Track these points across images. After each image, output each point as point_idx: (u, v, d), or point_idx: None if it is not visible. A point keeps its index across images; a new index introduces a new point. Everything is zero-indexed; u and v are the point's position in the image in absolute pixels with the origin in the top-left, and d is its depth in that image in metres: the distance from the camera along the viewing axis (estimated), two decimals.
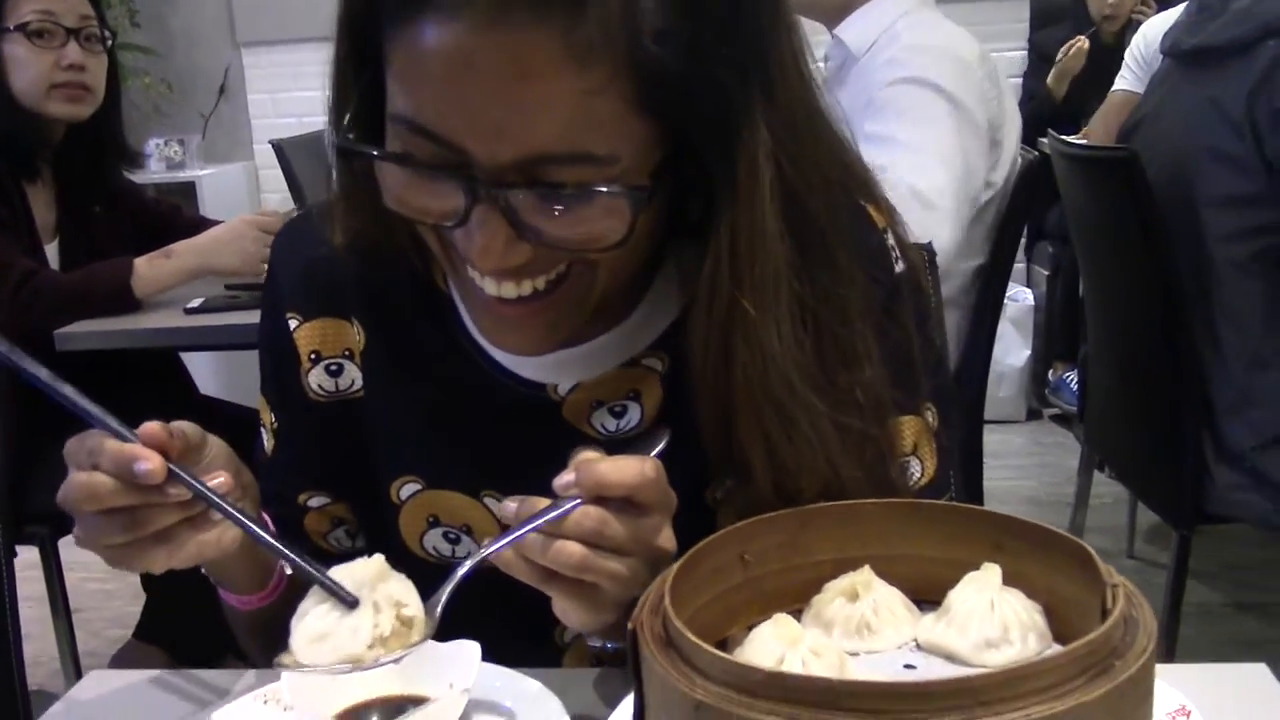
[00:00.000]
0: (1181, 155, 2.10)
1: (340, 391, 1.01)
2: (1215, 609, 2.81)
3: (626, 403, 0.96)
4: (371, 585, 0.78)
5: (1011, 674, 0.63)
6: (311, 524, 1.04)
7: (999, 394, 3.95)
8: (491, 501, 0.99)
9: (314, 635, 0.77)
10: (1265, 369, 2.05)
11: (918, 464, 1.00)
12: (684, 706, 0.67)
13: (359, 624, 0.76)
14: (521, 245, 0.80)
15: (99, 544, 0.81)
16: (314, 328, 1.01)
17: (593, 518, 0.78)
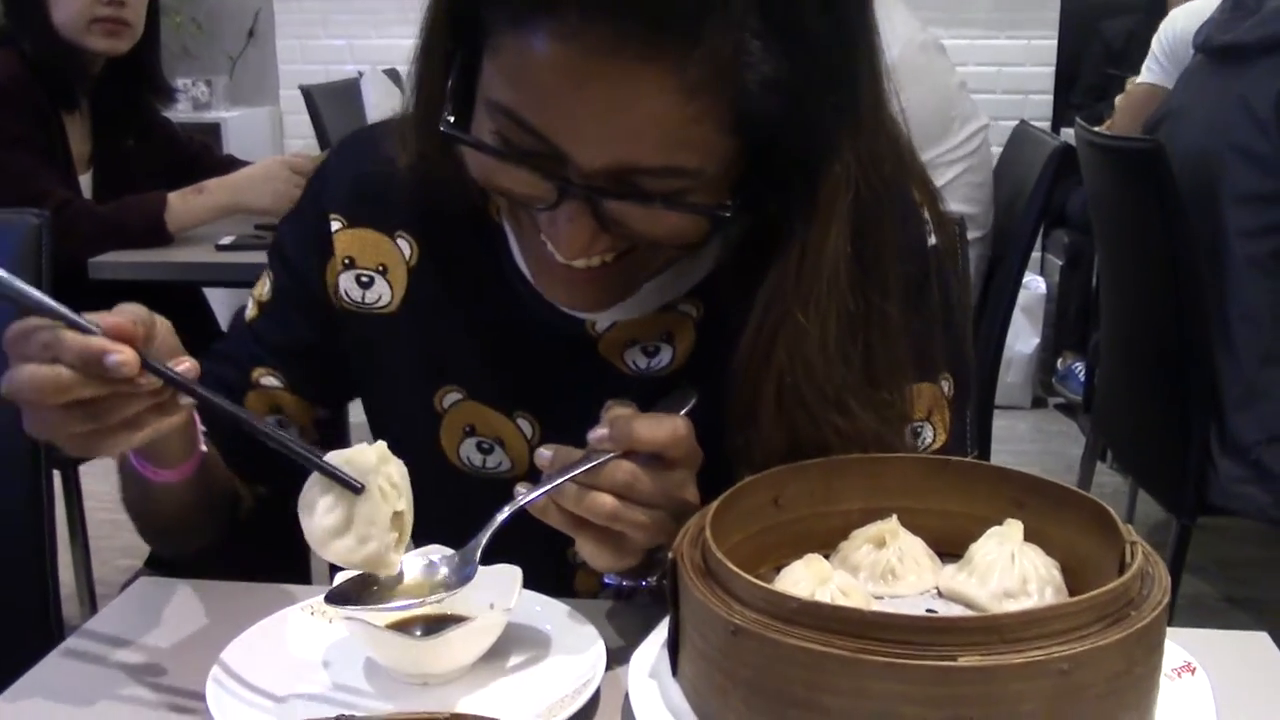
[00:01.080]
0: (1207, 150, 2.12)
1: (366, 304, 1.04)
2: (1209, 603, 2.85)
3: (660, 344, 1.01)
4: (376, 470, 0.80)
5: (1034, 615, 0.67)
6: (252, 403, 1.06)
7: (1006, 380, 3.98)
8: (523, 422, 1.03)
9: (331, 529, 0.79)
10: (1276, 365, 2.08)
11: (930, 430, 1.03)
12: (721, 631, 0.71)
13: (374, 512, 0.79)
14: (604, 236, 0.84)
15: (57, 434, 0.79)
16: (354, 235, 1.04)
17: (625, 470, 0.82)
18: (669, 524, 0.85)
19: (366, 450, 0.81)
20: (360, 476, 0.79)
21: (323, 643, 0.87)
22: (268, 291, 1.08)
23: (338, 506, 0.79)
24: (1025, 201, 2.26)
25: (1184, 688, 0.77)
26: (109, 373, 0.75)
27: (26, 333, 0.77)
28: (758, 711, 0.70)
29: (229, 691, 0.80)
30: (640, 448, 0.83)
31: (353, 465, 0.80)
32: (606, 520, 0.82)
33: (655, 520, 0.84)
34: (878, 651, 0.65)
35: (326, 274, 1.05)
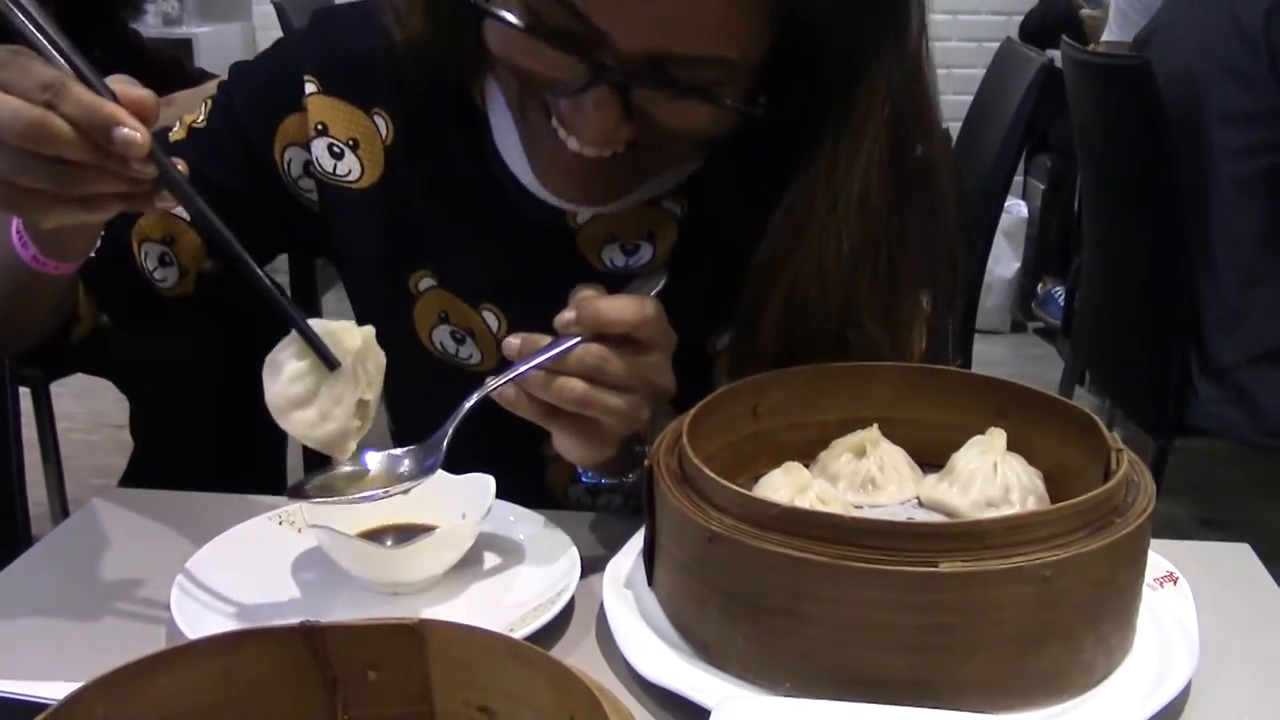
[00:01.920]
0: (1194, 68, 2.09)
1: (335, 176, 0.99)
2: (1183, 524, 2.87)
3: (640, 242, 0.98)
4: (355, 354, 0.76)
5: (1017, 521, 0.66)
6: (146, 221, 0.99)
7: (986, 304, 3.97)
8: (489, 315, 1.00)
9: (294, 399, 0.75)
10: (1258, 286, 2.07)
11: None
12: (698, 539, 0.70)
13: (342, 392, 0.75)
14: (627, 126, 0.81)
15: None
16: (329, 102, 0.99)
17: (594, 353, 0.79)
18: (643, 409, 0.82)
19: (353, 330, 0.76)
20: (340, 356, 0.75)
21: (291, 552, 0.86)
22: (203, 120, 1.01)
23: (307, 377, 0.75)
24: (1009, 120, 2.22)
25: (1166, 597, 0.76)
26: (113, 146, 0.68)
27: (20, 62, 0.68)
28: (734, 619, 0.69)
29: (194, 599, 0.78)
30: (608, 329, 0.80)
31: (334, 340, 0.75)
32: (577, 406, 0.79)
33: (629, 405, 0.81)
34: (857, 557, 0.64)
35: (279, 131, 0.99)
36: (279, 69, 1.01)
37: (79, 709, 0.54)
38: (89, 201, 0.72)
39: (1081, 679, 0.68)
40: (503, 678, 0.58)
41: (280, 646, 0.59)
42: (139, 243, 1.00)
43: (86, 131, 0.68)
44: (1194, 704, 0.71)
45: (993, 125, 2.38)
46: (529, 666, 0.57)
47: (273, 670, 0.59)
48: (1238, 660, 0.75)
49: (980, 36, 4.47)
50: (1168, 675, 0.69)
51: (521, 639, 0.65)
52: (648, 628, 0.74)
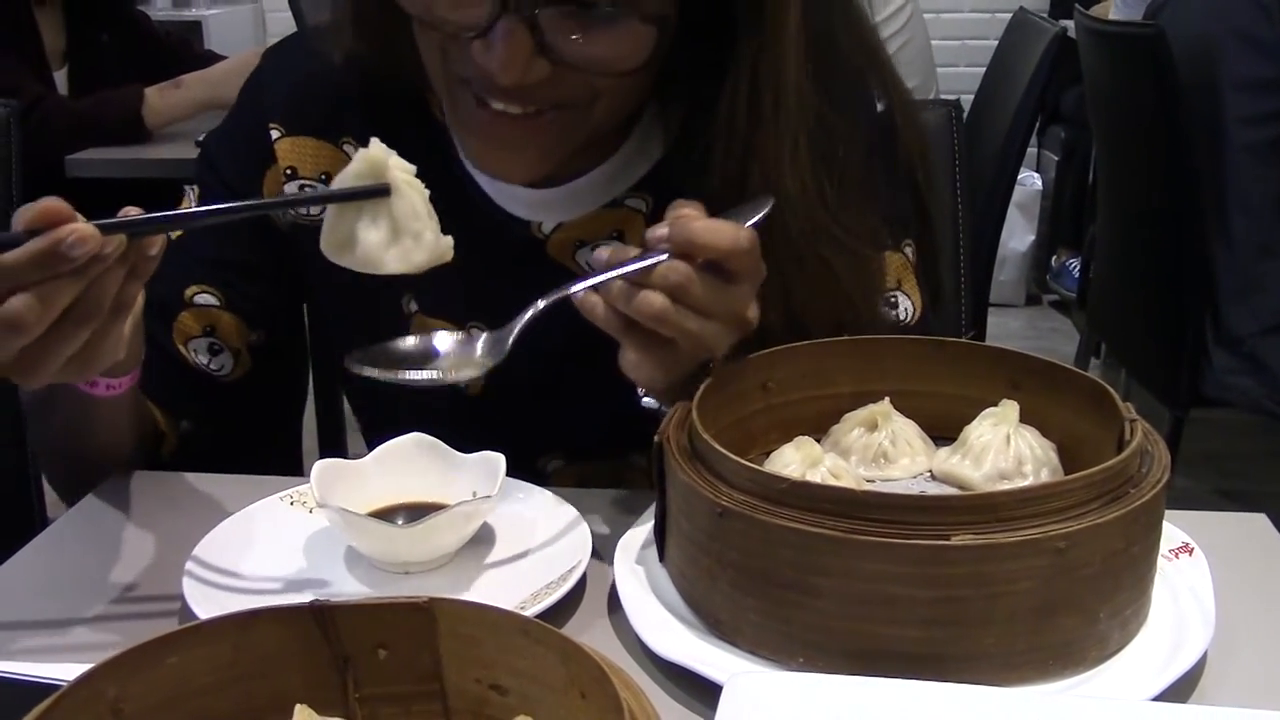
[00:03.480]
0: (1208, 36, 2.07)
1: (308, 215, 0.98)
2: (1200, 495, 2.86)
3: (611, 242, 0.95)
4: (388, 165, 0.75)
5: (1030, 493, 0.65)
6: (184, 323, 1.00)
7: (1000, 277, 3.95)
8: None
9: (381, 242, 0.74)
10: (1273, 256, 2.05)
11: (905, 299, 1.00)
12: (708, 514, 0.69)
13: (411, 204, 0.74)
14: (541, 62, 0.79)
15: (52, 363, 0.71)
16: (296, 144, 0.98)
17: (679, 272, 0.76)
18: (722, 339, 0.80)
19: (368, 153, 0.75)
20: (378, 178, 0.74)
21: (303, 532, 0.86)
22: (194, 204, 1.01)
23: (378, 218, 0.74)
24: (1023, 90, 2.21)
25: (1181, 568, 0.76)
26: (74, 254, 0.66)
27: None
28: (746, 594, 0.69)
29: (205, 580, 0.78)
30: (699, 253, 0.76)
31: (364, 175, 0.74)
32: (654, 322, 0.76)
33: (707, 331, 0.78)
34: (869, 531, 0.64)
35: (265, 187, 0.99)
36: (245, 126, 1.01)
37: (90, 690, 0.54)
38: (120, 305, 0.72)
39: (1096, 651, 0.67)
40: (513, 655, 0.58)
41: (290, 626, 0.59)
42: (184, 343, 1.01)
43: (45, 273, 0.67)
44: (1210, 675, 0.70)
45: (1006, 96, 2.36)
46: (539, 644, 0.57)
47: (283, 649, 0.59)
48: (1254, 630, 0.74)
49: (993, 7, 4.43)
50: (1183, 646, 0.68)
51: (533, 616, 0.65)
52: (660, 604, 0.74)
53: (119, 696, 0.55)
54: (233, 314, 1.01)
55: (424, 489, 0.85)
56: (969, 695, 0.61)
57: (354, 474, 0.85)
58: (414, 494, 0.85)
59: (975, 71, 2.83)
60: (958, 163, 1.28)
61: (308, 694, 0.58)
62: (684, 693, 0.69)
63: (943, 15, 4.45)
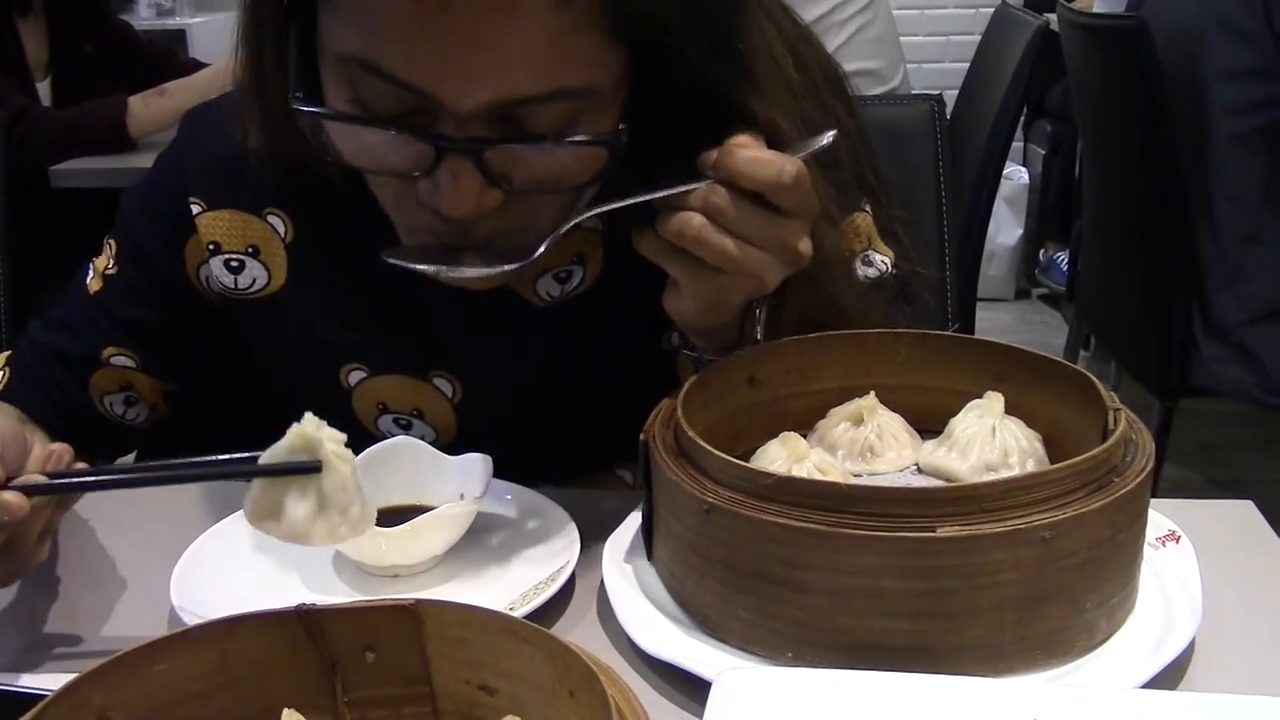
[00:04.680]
0: (1191, 26, 2.08)
1: (240, 290, 0.95)
2: (1191, 485, 2.86)
3: (571, 267, 0.93)
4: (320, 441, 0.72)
5: (1015, 483, 0.65)
6: (99, 380, 0.98)
7: (989, 272, 3.96)
8: (442, 382, 0.96)
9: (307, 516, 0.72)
10: (1260, 245, 2.06)
11: (877, 256, 0.98)
12: (695, 511, 0.69)
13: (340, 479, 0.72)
14: (493, 192, 0.75)
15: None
16: (217, 218, 0.94)
17: (720, 195, 0.74)
18: (772, 271, 0.77)
19: (302, 429, 0.72)
20: (310, 453, 0.72)
21: None
22: (113, 266, 0.98)
23: (307, 492, 0.72)
24: (1007, 84, 2.21)
25: (1168, 556, 0.76)
26: (3, 523, 0.70)
27: None
28: (734, 590, 0.69)
29: (192, 586, 0.78)
30: (741, 183, 0.74)
31: (296, 450, 0.72)
32: (693, 244, 0.75)
33: (751, 259, 0.76)
34: (855, 525, 0.64)
35: (187, 257, 0.95)
36: (163, 197, 0.96)
37: (77, 698, 0.54)
38: (43, 537, 0.76)
39: (1084, 640, 0.67)
40: (501, 655, 0.58)
41: (278, 631, 0.59)
42: (100, 399, 0.99)
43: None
44: (1197, 662, 0.70)
45: (990, 91, 2.36)
46: (527, 644, 0.57)
47: (271, 654, 0.59)
48: (1241, 617, 0.75)
49: (976, 2, 4.44)
50: (1171, 634, 0.68)
51: (522, 617, 0.65)
52: (648, 602, 0.74)
53: (106, 704, 0.55)
54: (147, 374, 0.99)
55: (411, 491, 0.85)
56: (958, 687, 0.61)
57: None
58: (401, 497, 0.85)
59: (959, 67, 2.83)
60: (941, 158, 1.29)
61: (296, 699, 0.58)
62: (674, 690, 0.69)
63: (926, 11, 4.45)
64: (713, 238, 0.75)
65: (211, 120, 0.96)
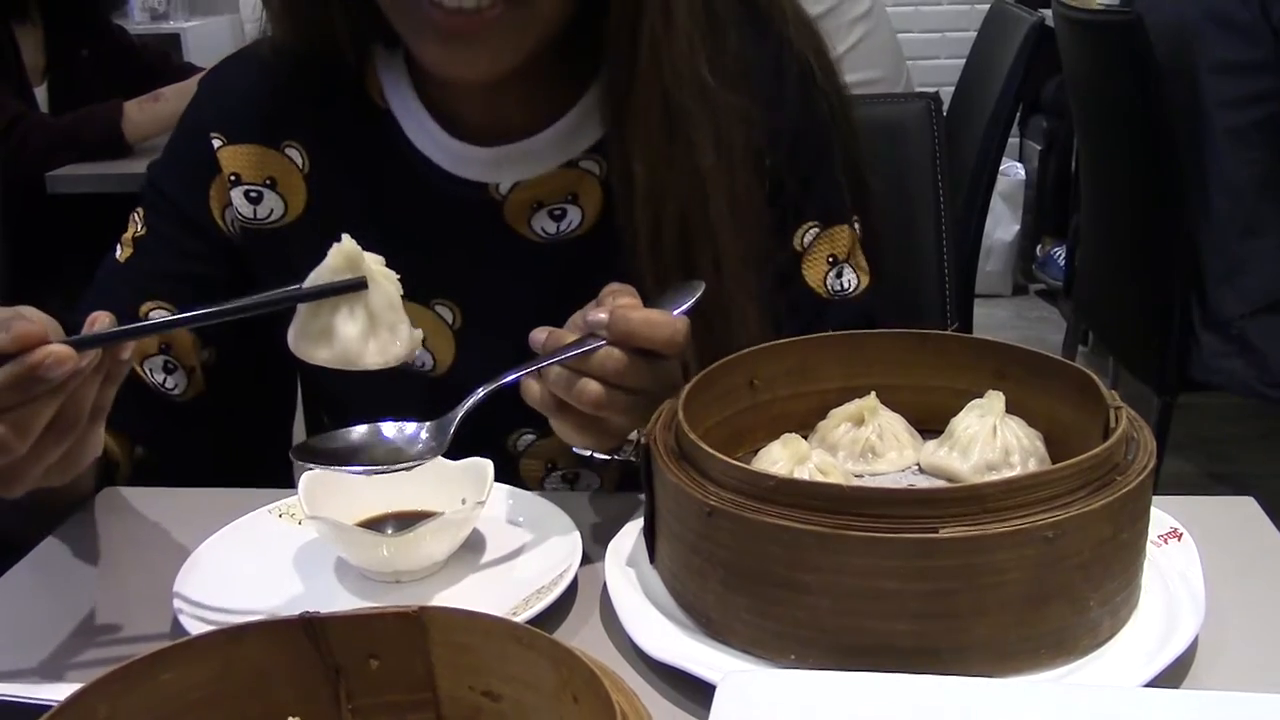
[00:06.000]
0: (1185, 20, 2.08)
1: (258, 220, 1.01)
2: (1191, 479, 2.87)
3: (565, 205, 0.99)
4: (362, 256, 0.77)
5: (1017, 483, 0.65)
6: (141, 342, 0.99)
7: (986, 268, 3.96)
8: (443, 309, 1.01)
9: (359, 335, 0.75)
10: (1257, 237, 2.06)
11: (851, 272, 1.04)
12: (697, 513, 0.69)
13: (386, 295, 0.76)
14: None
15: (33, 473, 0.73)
16: (237, 151, 1.01)
17: (616, 359, 0.79)
18: (652, 410, 0.82)
19: (344, 246, 0.76)
20: (354, 272, 0.75)
21: (292, 544, 0.85)
22: (142, 228, 1.03)
23: (355, 312, 0.75)
24: (1003, 80, 2.21)
25: (1171, 553, 0.76)
26: (51, 375, 0.68)
27: None
28: (737, 593, 0.69)
29: (195, 595, 0.78)
30: (638, 344, 0.80)
31: (339, 270, 0.75)
32: (592, 408, 0.80)
33: (640, 405, 0.81)
34: (857, 526, 0.64)
35: (211, 197, 1.01)
36: (188, 141, 1.03)
37: (82, 708, 0.54)
38: (98, 410, 0.74)
39: (1088, 639, 0.67)
40: (505, 661, 0.58)
41: (281, 639, 0.59)
42: (141, 362, 1.01)
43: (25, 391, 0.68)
44: (1201, 660, 0.70)
45: (986, 87, 2.36)
46: (530, 649, 0.57)
47: (275, 663, 0.59)
48: (1245, 614, 0.75)
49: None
50: (1174, 632, 0.68)
51: (525, 621, 0.65)
52: (651, 605, 0.74)
53: (111, 715, 0.54)
54: (193, 333, 1.02)
55: (413, 497, 0.85)
56: (962, 687, 0.61)
57: (342, 484, 0.85)
58: (403, 503, 0.85)
59: (955, 63, 2.83)
60: (938, 156, 1.29)
61: (300, 707, 0.58)
62: (678, 693, 0.69)
63: (922, 8, 4.45)
64: (611, 401, 0.80)
65: (228, 68, 1.06)
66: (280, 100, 1.00)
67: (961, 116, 2.46)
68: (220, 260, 1.03)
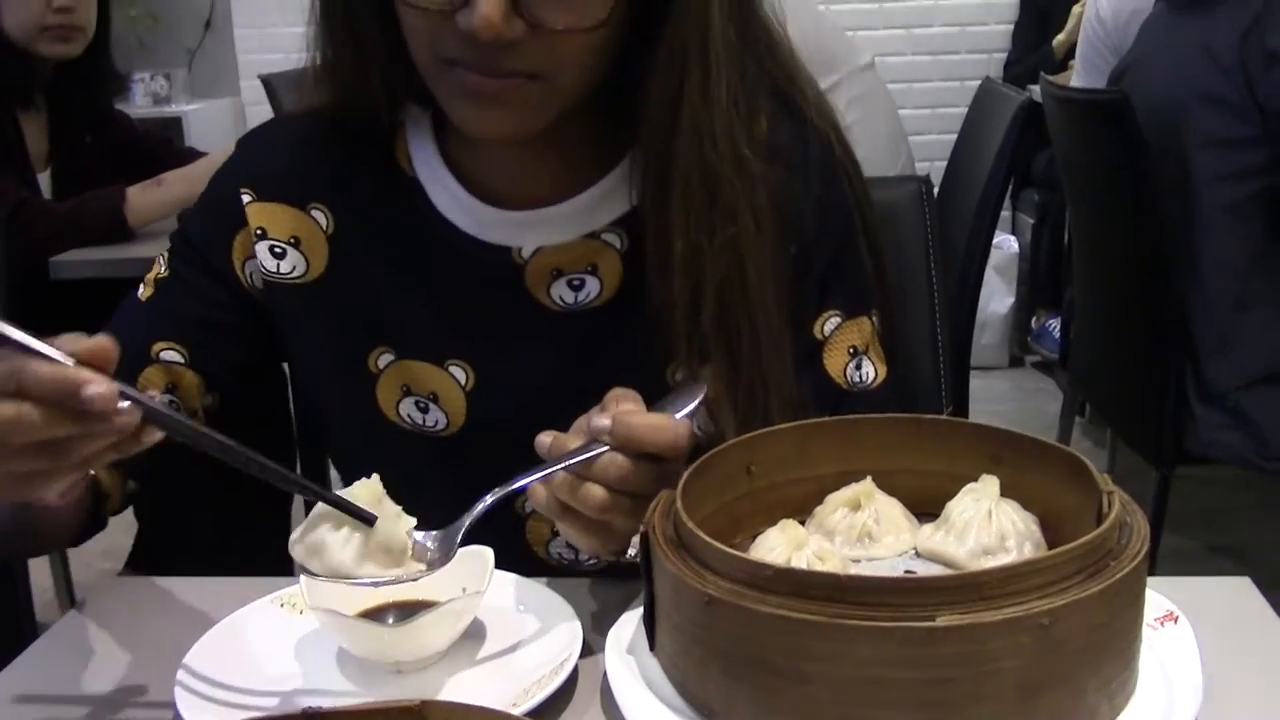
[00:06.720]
0: (1172, 99, 2.11)
1: (280, 274, 1.04)
2: (1190, 553, 2.86)
3: (584, 276, 1.01)
4: (383, 497, 0.80)
5: (1012, 570, 0.66)
6: (149, 375, 1.03)
7: (982, 341, 3.98)
8: (457, 370, 1.03)
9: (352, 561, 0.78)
10: (1249, 310, 2.07)
11: (869, 364, 1.05)
12: (696, 603, 0.70)
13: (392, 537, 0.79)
14: (516, 21, 0.85)
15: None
16: (265, 208, 1.04)
17: (619, 465, 0.81)
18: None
19: (368, 484, 0.80)
20: (374, 505, 0.79)
21: (293, 635, 0.86)
22: (165, 270, 1.06)
23: (352, 539, 0.78)
24: (993, 159, 2.24)
25: (1167, 636, 0.76)
26: (85, 406, 0.68)
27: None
28: (737, 682, 0.69)
29: (197, 688, 0.78)
30: (641, 449, 0.82)
31: (362, 500, 0.79)
32: (596, 513, 0.82)
33: (642, 507, 0.82)
34: (855, 615, 0.64)
35: (234, 249, 1.05)
36: (219, 194, 1.07)
37: None
38: (84, 463, 0.74)
39: None
40: None
41: None
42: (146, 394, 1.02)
43: (59, 402, 0.69)
44: None
45: (977, 164, 2.39)
46: None
47: None
48: (1243, 698, 0.75)
49: (961, 76, 4.51)
50: (1172, 716, 0.69)
51: (526, 711, 0.66)
52: (652, 694, 0.74)
53: None
54: (194, 371, 1.04)
55: (413, 586, 0.85)
56: None
57: None
58: (404, 591, 0.85)
59: (947, 138, 2.87)
60: (930, 238, 1.30)
61: None
62: None
63: (914, 85, 4.53)
64: (615, 506, 0.81)
65: (261, 133, 1.11)
66: (311, 163, 1.04)
67: (954, 193, 2.49)
68: (237, 309, 1.06)
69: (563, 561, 1.06)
